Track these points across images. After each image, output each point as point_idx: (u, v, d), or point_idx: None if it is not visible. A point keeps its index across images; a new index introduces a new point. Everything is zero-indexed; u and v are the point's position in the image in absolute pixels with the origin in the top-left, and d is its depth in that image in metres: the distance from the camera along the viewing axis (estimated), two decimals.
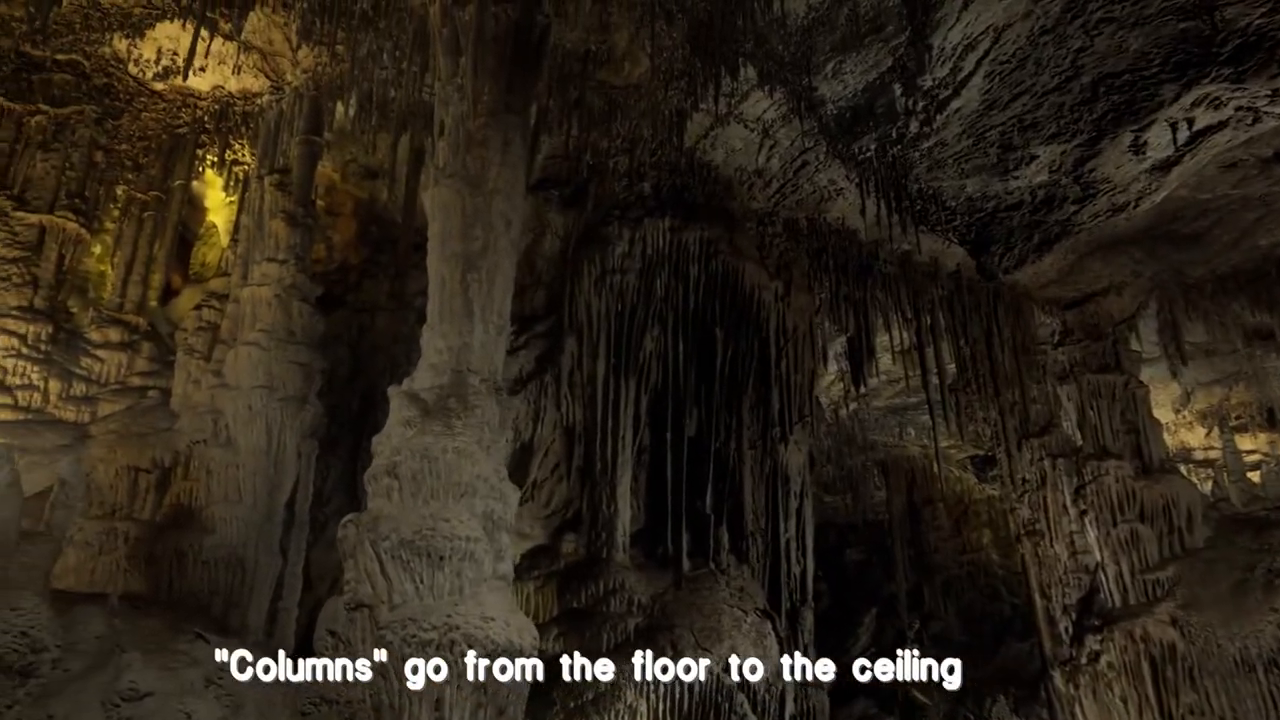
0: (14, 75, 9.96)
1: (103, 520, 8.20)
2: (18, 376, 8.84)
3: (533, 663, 6.44)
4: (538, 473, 10.52)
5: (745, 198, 12.36)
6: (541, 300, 11.26)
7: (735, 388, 10.95)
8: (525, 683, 6.47)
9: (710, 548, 10.19)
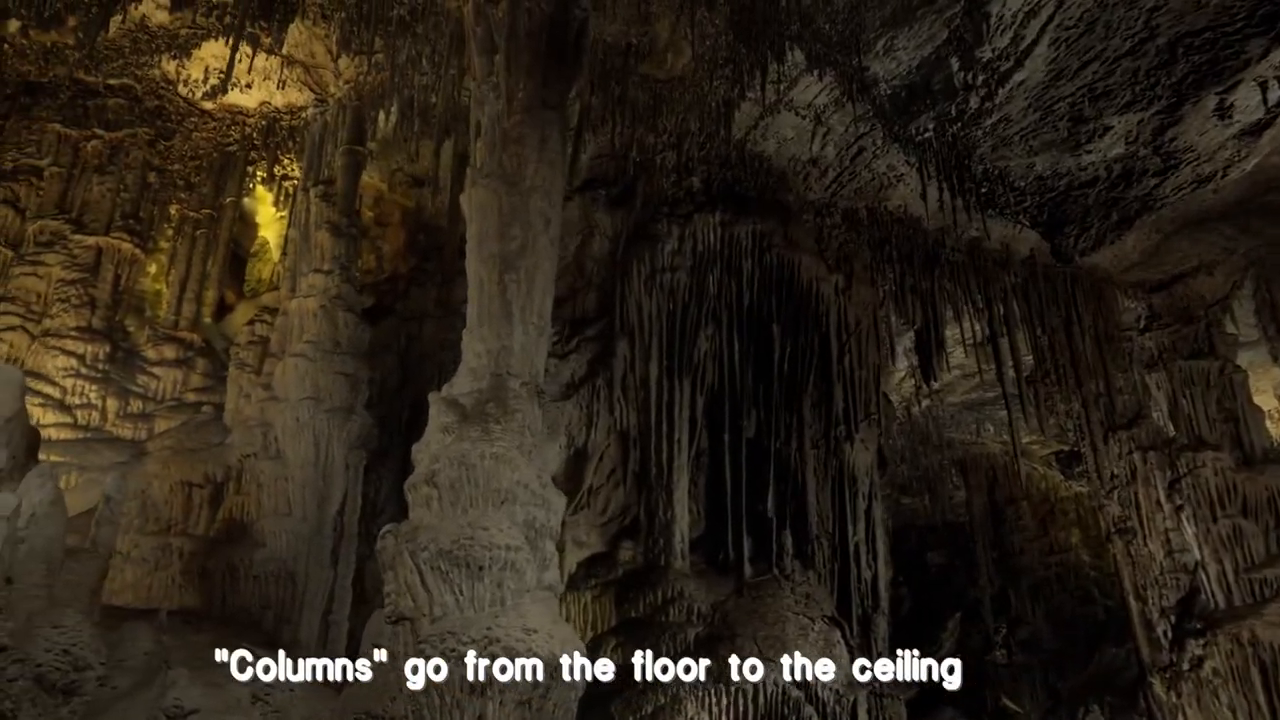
0: (70, 102, 10.19)
1: (158, 536, 8.23)
2: (77, 396, 8.99)
3: (578, 676, 6.12)
4: (593, 479, 10.27)
5: (801, 189, 11.92)
6: (593, 303, 11.02)
7: (795, 386, 10.51)
8: (572, 697, 6.18)
9: (773, 553, 9.77)
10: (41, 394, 8.84)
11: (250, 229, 11.45)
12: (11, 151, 9.92)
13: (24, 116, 10.00)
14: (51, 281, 9.40)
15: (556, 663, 5.96)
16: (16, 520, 5.96)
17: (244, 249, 11.40)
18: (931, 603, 20.20)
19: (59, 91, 10.15)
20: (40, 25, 9.03)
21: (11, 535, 5.90)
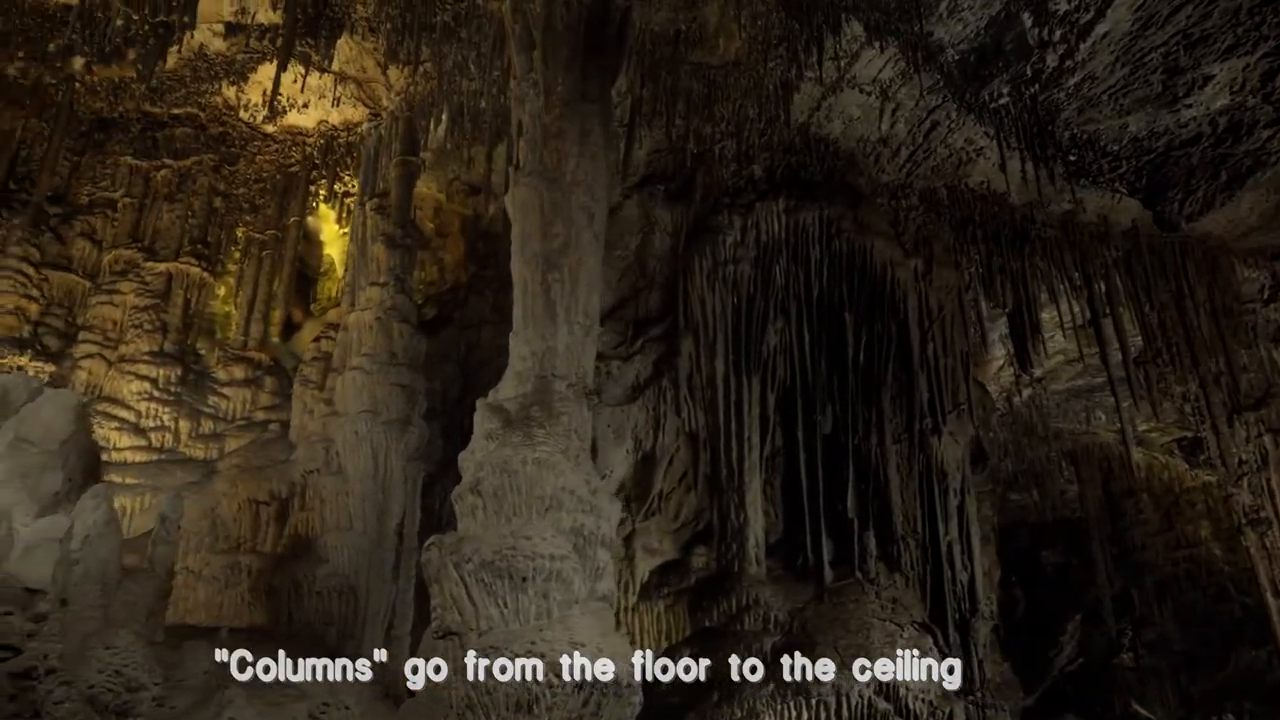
0: (141, 135, 10.50)
1: (227, 554, 8.30)
2: (151, 418, 9.20)
3: (631, 692, 5.77)
4: (663, 483, 9.92)
5: (873, 171, 11.32)
6: (656, 302, 10.69)
7: (872, 377, 9.92)
8: (628, 714, 5.83)
9: (855, 555, 9.21)
10: (117, 418, 9.10)
11: (315, 248, 11.61)
12: (87, 186, 10.31)
13: (98, 152, 10.37)
14: (126, 309, 9.68)
15: (606, 678, 5.62)
16: (70, 542, 6.01)
17: (309, 267, 11.57)
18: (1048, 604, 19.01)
19: (130, 125, 10.48)
20: (102, 60, 9.32)
21: (65, 557, 5.95)
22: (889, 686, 8.10)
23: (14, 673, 5.05)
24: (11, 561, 5.77)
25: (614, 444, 9.76)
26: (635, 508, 9.73)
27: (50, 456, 6.29)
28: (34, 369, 8.76)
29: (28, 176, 9.88)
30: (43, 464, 6.25)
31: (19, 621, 4.93)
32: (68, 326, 9.55)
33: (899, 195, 11.63)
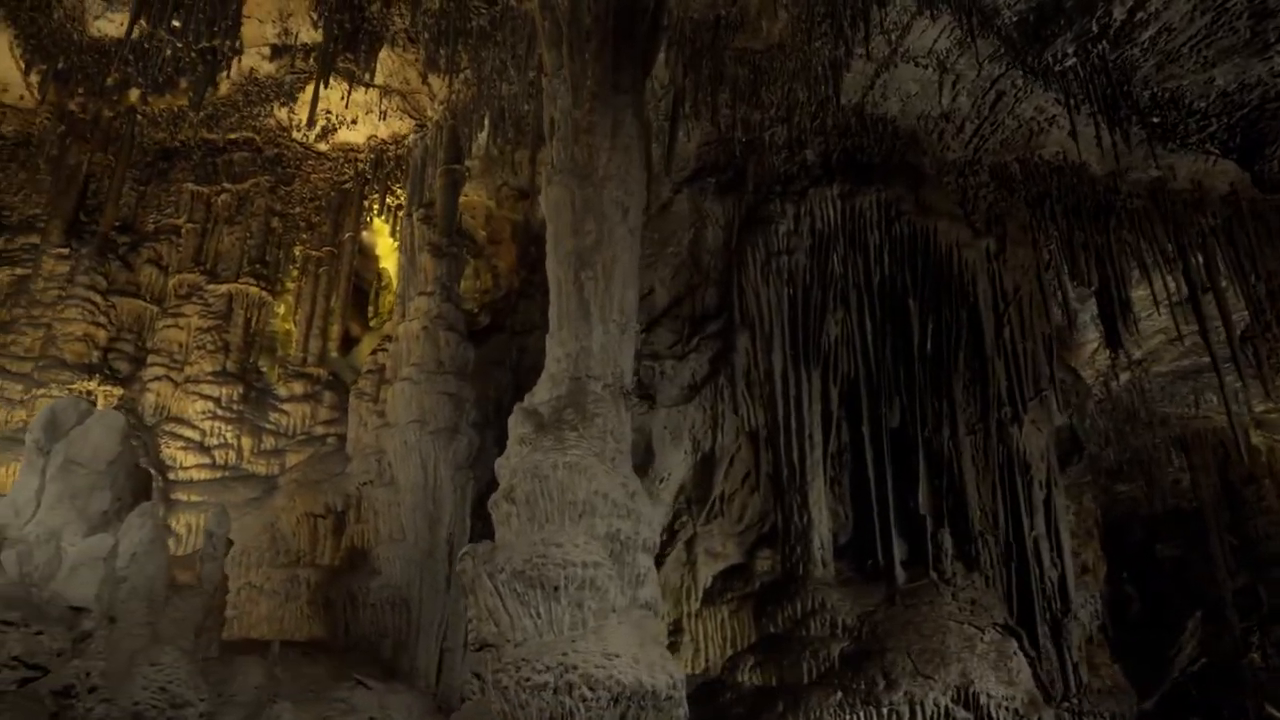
0: (201, 161, 10.78)
1: (287, 568, 8.37)
2: (215, 437, 9.38)
3: (672, 704, 5.48)
4: (724, 485, 9.59)
5: (937, 149, 10.74)
6: (713, 298, 10.38)
7: (941, 366, 9.38)
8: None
9: (929, 554, 8.69)
10: (183, 437, 9.33)
11: (371, 262, 11.74)
12: (153, 214, 10.64)
13: (162, 180, 10.70)
14: (191, 330, 9.94)
15: (643, 690, 5.36)
16: (115, 560, 6.08)
17: (366, 282, 11.70)
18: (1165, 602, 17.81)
19: (191, 153, 10.78)
20: (156, 90, 9.60)
21: (110, 575, 6.03)
22: (968, 694, 7.58)
23: (55, 690, 5.11)
24: (58, 580, 5.89)
25: (671, 446, 9.49)
26: (696, 511, 9.44)
27: (99, 477, 6.42)
28: (103, 393, 9.07)
29: (98, 208, 10.26)
30: (91, 484, 6.37)
31: (49, 641, 4.99)
32: (137, 350, 9.86)
33: (967, 173, 11.02)
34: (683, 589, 9.08)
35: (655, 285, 10.54)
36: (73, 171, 9.95)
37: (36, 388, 8.61)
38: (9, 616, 4.85)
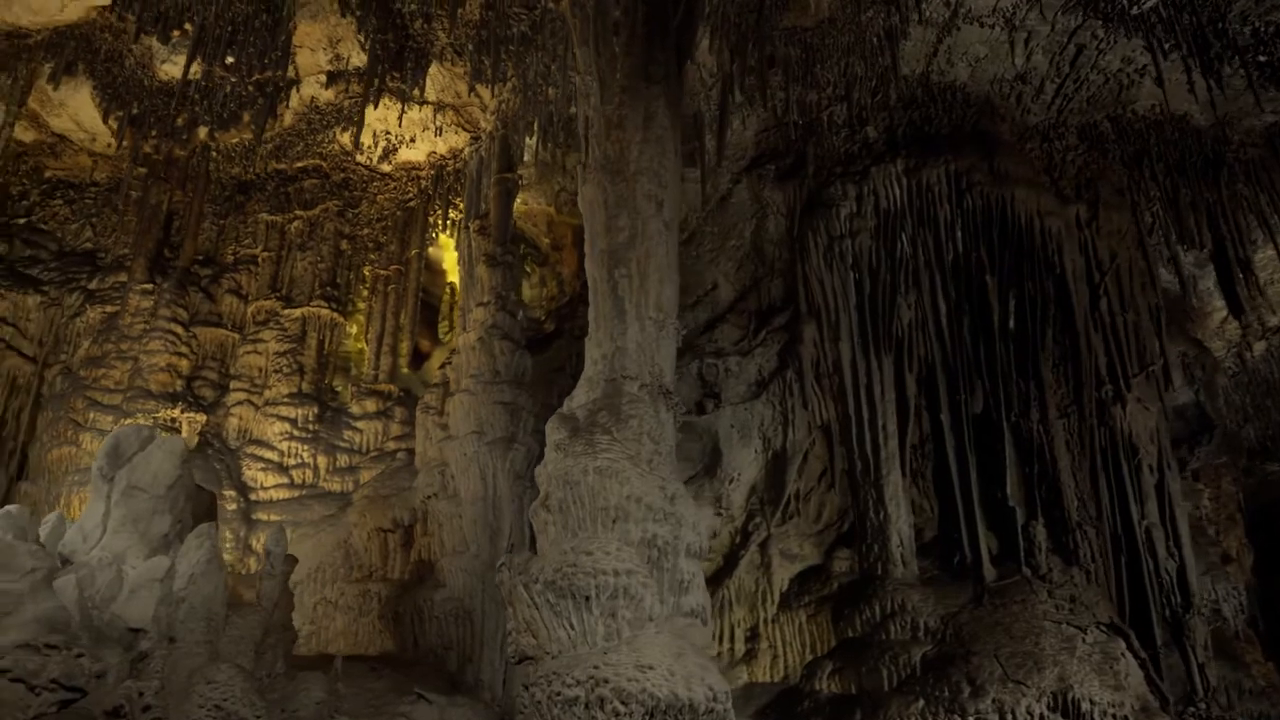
0: (275, 192, 11.16)
1: (360, 583, 8.48)
2: (293, 457, 9.64)
3: (713, 717, 5.18)
4: (799, 483, 9.19)
5: (1015, 113, 10.03)
6: (779, 290, 9.99)
7: (1026, 345, 8.69)
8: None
9: (1021, 549, 8.04)
10: (263, 459, 9.63)
11: (438, 277, 11.87)
12: (232, 245, 11.09)
13: (239, 212, 11.14)
14: (269, 355, 10.27)
15: (679, 704, 5.08)
16: (173, 582, 6.25)
17: (435, 297, 11.84)
18: None
19: (265, 184, 11.18)
20: (221, 126, 9.98)
21: (168, 595, 6.19)
22: (1067, 700, 6.93)
23: (106, 711, 5.27)
24: (118, 603, 6.10)
25: (739, 445, 9.16)
26: (769, 512, 9.07)
27: (159, 501, 6.64)
28: (186, 420, 9.46)
29: (180, 244, 10.76)
30: (152, 508, 6.60)
31: (89, 663, 5.14)
32: (221, 378, 10.27)
33: (1052, 136, 10.24)
34: (758, 593, 8.73)
35: (719, 280, 10.24)
36: (154, 211, 10.47)
37: (125, 418, 9.05)
38: (52, 640, 5.02)
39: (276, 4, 8.81)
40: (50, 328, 10.04)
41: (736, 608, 8.69)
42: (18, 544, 5.54)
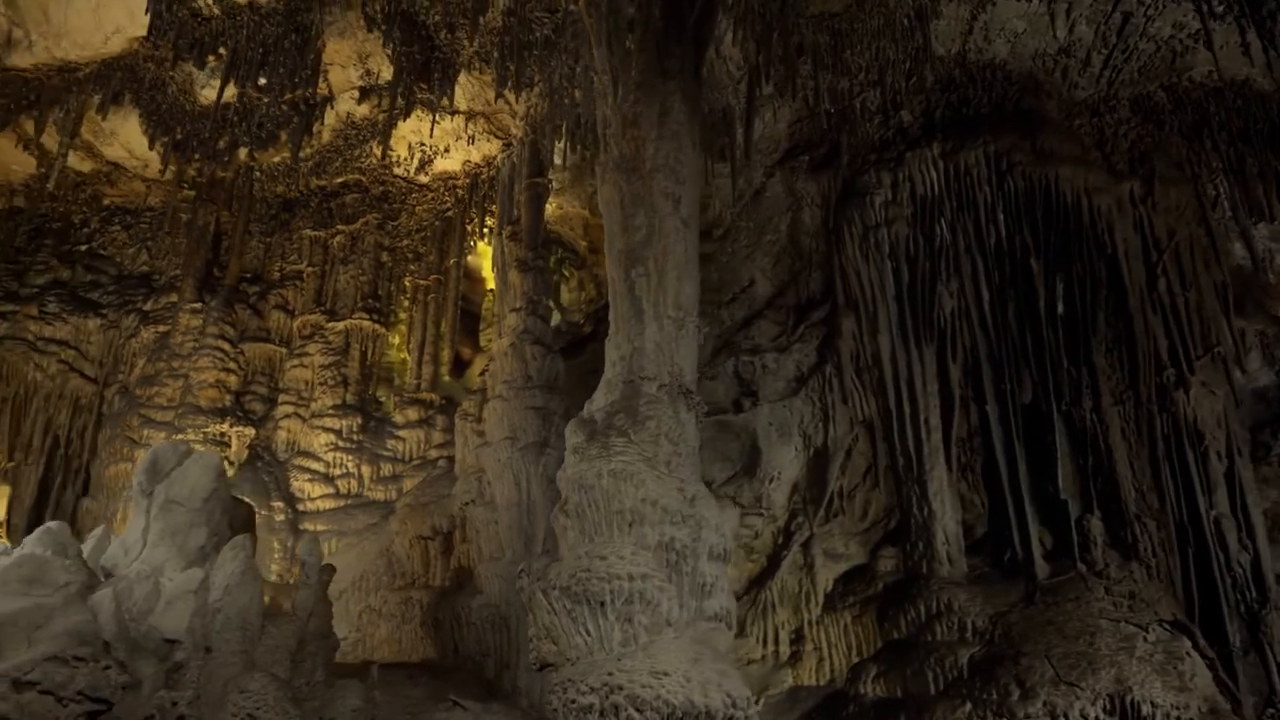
0: (318, 208, 11.39)
1: (402, 591, 8.56)
2: (338, 467, 9.81)
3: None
4: (842, 481, 8.95)
5: (1062, 89, 9.61)
6: (818, 283, 9.75)
7: (1076, 330, 8.29)
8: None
9: (1075, 544, 7.66)
10: (310, 470, 9.83)
11: (478, 285, 11.94)
12: (278, 262, 11.36)
13: (285, 230, 11.41)
14: (314, 368, 10.48)
15: (695, 711, 4.96)
16: (207, 593, 6.38)
17: (475, 305, 11.91)
18: None
19: (309, 201, 11.42)
20: (259, 146, 10.22)
21: (203, 607, 6.32)
22: (1125, 703, 6.57)
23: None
24: (155, 614, 6.25)
25: (779, 443, 8.97)
26: (811, 510, 8.85)
27: (195, 514, 6.79)
28: (235, 434, 9.72)
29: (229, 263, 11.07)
30: (189, 522, 6.75)
31: (115, 675, 5.27)
32: (270, 392, 10.53)
33: (1102, 110, 9.78)
34: (801, 594, 8.52)
35: (755, 276, 10.05)
36: (201, 232, 10.79)
37: (176, 434, 9.34)
38: (80, 652, 5.15)
39: (304, 24, 8.96)
40: (109, 349, 10.43)
41: (780, 609, 8.50)
42: (52, 559, 5.73)
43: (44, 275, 10.87)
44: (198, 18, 8.92)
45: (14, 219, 11.45)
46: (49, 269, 10.95)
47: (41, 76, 9.69)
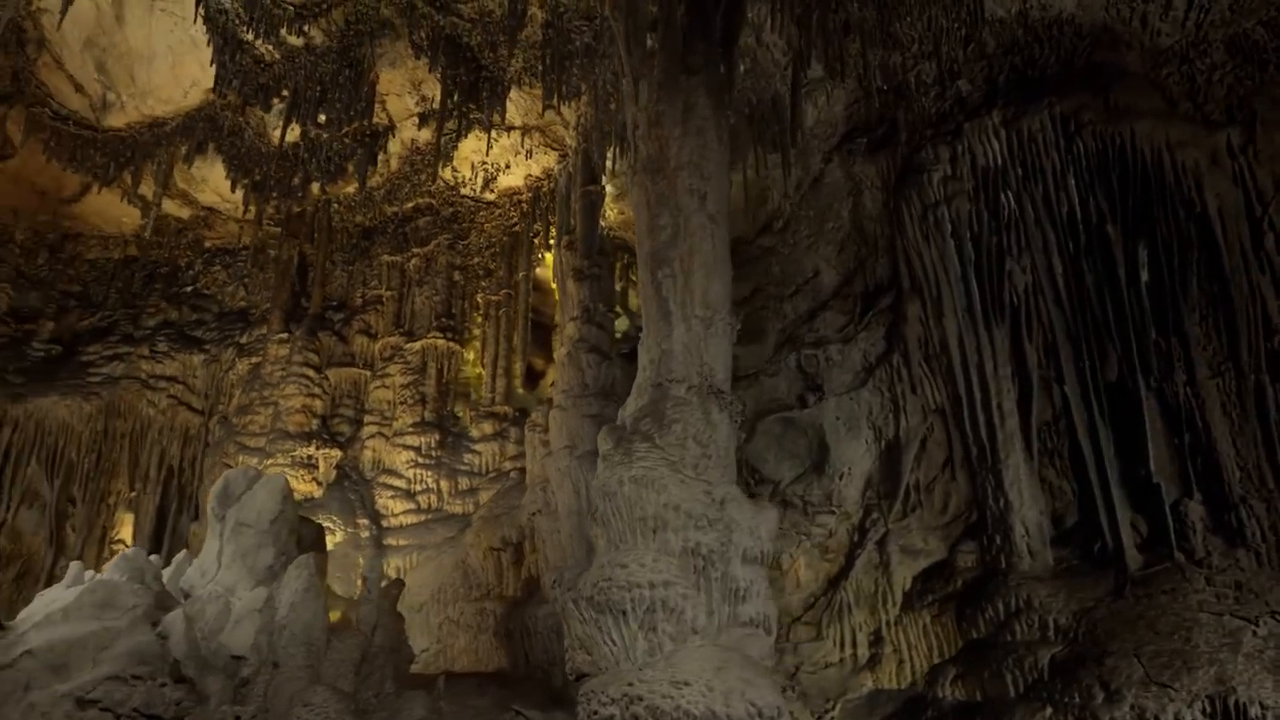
0: (394, 234, 11.80)
1: (477, 601, 8.73)
2: (419, 483, 10.10)
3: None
4: (918, 472, 8.53)
5: (1143, 38, 8.87)
6: (885, 269, 9.34)
7: (1163, 298, 7.60)
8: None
9: (1171, 531, 7.01)
10: (393, 487, 10.17)
11: (547, 296, 12.04)
12: (360, 289, 11.83)
13: (365, 257, 11.88)
14: (395, 388, 10.85)
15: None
16: (273, 611, 6.69)
17: (546, 316, 12.02)
18: None
19: (386, 227, 11.85)
20: (329, 179, 10.68)
21: (268, 624, 6.63)
22: (1228, 705, 5.95)
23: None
24: (225, 633, 6.60)
25: (848, 437, 8.65)
26: (886, 506, 8.48)
27: (263, 535, 7.14)
28: (322, 456, 10.17)
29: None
30: (258, 543, 7.10)
31: (170, 692, 5.57)
32: (357, 413, 10.97)
33: (1192, 56, 8.94)
34: (878, 594, 8.17)
35: (820, 266, 9.73)
36: (286, 266, 11.37)
37: (267, 459, 9.86)
38: (138, 671, 5.49)
39: (357, 58, 9.30)
40: (212, 382, 11.14)
41: (856, 610, 8.18)
42: (123, 584, 6.13)
43: (155, 317, 11.73)
44: (260, 64, 9.40)
45: (130, 267, 12.40)
46: (159, 311, 11.81)
47: (134, 133, 10.45)
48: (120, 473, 10.77)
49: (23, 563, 10.61)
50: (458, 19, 9.13)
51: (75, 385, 10.77)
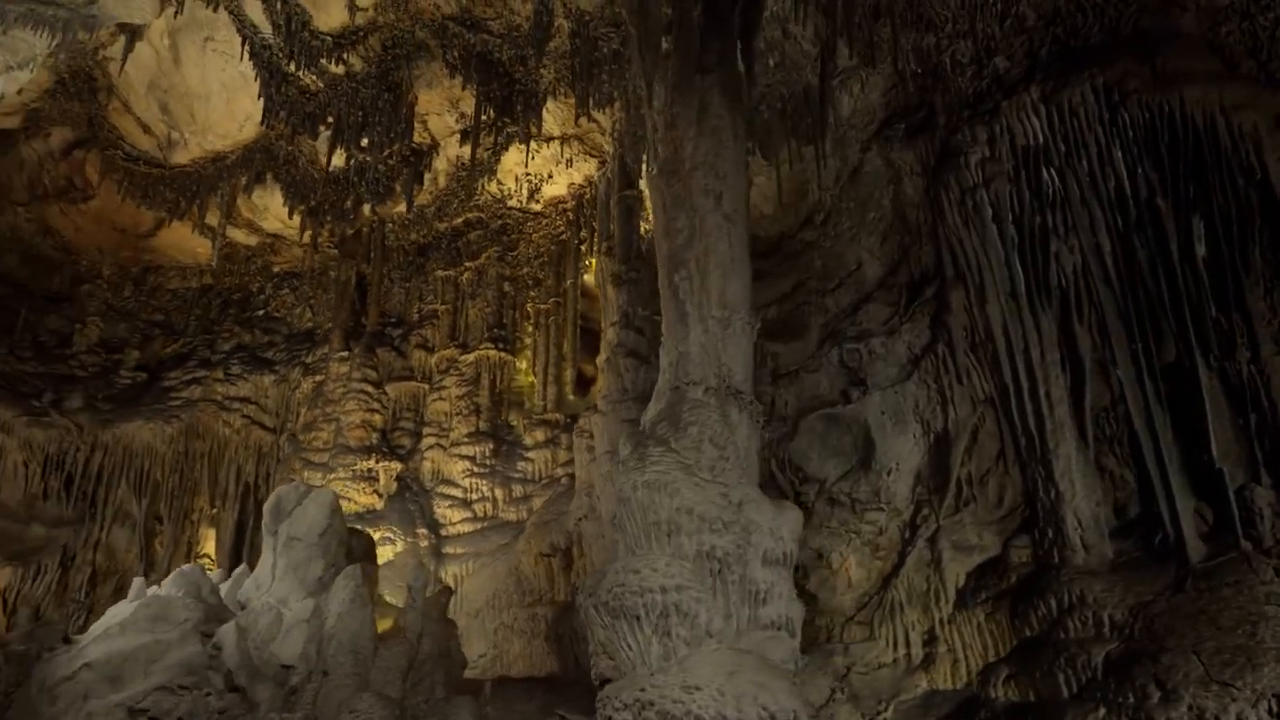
0: (448, 249, 12.10)
1: (530, 607, 8.86)
2: (474, 492, 10.30)
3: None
4: (969, 465, 8.27)
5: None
6: (930, 257, 9.07)
7: (1222, 272, 7.15)
8: None
9: (1236, 519, 6.59)
10: (450, 496, 10.39)
11: (595, 303, 12.10)
12: (417, 304, 12.15)
13: (420, 273, 12.19)
14: (451, 400, 11.10)
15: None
16: (321, 621, 6.93)
17: (595, 323, 12.07)
18: None
19: (440, 243, 12.15)
20: (378, 200, 11.00)
21: (316, 633, 6.88)
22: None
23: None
24: (276, 643, 6.87)
25: (894, 431, 8.44)
26: (936, 501, 8.23)
27: (313, 548, 7.40)
28: (382, 469, 10.49)
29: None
30: (308, 556, 7.37)
31: (214, 701, 5.83)
32: (416, 426, 11.27)
33: (1253, 12, 8.40)
34: (929, 592, 7.93)
35: (863, 258, 9.53)
36: (344, 286, 11.78)
37: (330, 474, 10.23)
38: (185, 681, 5.78)
39: (395, 81, 9.57)
40: (282, 401, 11.62)
41: (908, 609, 7.97)
42: (175, 598, 6.46)
43: (229, 341, 12.32)
44: (305, 94, 9.77)
45: (207, 295, 13.06)
46: (233, 335, 12.40)
47: (198, 168, 11.00)
48: (201, 490, 11.36)
49: (119, 578, 11.28)
50: (488, 35, 9.30)
51: (158, 410, 11.43)
